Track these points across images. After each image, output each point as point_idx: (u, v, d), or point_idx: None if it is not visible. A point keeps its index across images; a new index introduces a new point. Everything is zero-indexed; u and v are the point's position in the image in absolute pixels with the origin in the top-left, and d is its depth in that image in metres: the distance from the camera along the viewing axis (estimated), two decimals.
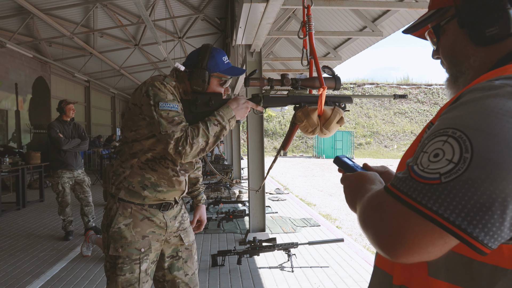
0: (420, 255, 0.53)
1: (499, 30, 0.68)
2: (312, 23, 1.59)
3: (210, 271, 3.64)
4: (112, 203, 1.64)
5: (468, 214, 0.50)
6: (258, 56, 4.98)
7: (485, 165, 0.50)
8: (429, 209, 0.52)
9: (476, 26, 0.70)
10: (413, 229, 0.53)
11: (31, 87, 10.39)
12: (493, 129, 0.51)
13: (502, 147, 0.50)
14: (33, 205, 7.07)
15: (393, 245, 0.54)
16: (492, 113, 0.53)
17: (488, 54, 0.70)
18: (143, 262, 1.61)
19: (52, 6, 7.44)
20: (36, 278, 3.49)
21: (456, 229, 0.51)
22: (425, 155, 0.56)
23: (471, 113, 0.54)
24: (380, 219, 0.56)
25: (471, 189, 0.50)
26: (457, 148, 0.53)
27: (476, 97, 0.56)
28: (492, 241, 0.50)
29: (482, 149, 0.51)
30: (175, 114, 1.50)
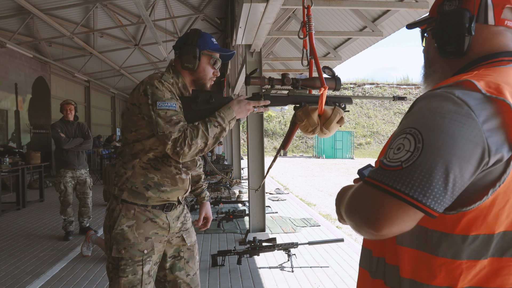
0: (398, 226, 0.68)
1: (455, 49, 0.84)
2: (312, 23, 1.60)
3: (210, 271, 3.64)
4: (115, 205, 1.63)
5: (421, 187, 0.66)
6: (258, 56, 4.98)
7: (431, 150, 0.67)
8: (395, 188, 0.68)
9: (440, 41, 0.86)
10: (387, 206, 0.69)
11: (31, 87, 10.39)
12: (436, 124, 0.69)
13: (442, 136, 0.67)
14: (33, 205, 7.07)
15: (375, 221, 0.69)
16: (435, 113, 0.70)
17: (449, 65, 0.87)
18: (146, 263, 1.61)
19: (52, 6, 7.44)
20: (36, 278, 3.49)
21: (414, 201, 0.67)
22: (391, 150, 0.73)
23: (422, 115, 0.72)
24: (363, 204, 0.71)
25: (423, 169, 0.67)
26: (413, 141, 0.70)
27: (424, 103, 0.74)
28: (437, 205, 0.67)
29: (429, 139, 0.68)
30: (173, 113, 1.49)
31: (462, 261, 0.70)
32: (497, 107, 0.68)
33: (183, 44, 1.65)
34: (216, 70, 1.72)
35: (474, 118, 0.67)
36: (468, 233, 0.69)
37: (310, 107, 1.43)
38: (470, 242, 0.69)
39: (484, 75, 0.74)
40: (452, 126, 0.67)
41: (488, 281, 0.69)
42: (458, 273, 0.70)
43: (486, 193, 0.67)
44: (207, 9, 8.69)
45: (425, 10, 4.88)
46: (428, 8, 4.87)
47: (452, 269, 0.70)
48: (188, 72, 1.67)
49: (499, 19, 0.83)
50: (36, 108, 10.68)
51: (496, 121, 0.68)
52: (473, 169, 0.67)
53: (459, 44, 0.83)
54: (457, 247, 0.70)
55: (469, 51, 0.84)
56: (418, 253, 0.74)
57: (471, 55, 0.84)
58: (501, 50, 0.82)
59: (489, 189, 0.67)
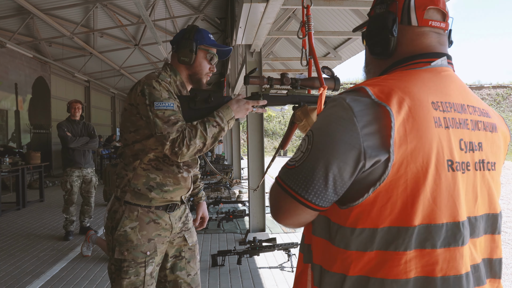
0: (294, 219, 0.81)
1: (382, 50, 0.88)
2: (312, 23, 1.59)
3: (210, 271, 3.64)
4: (118, 206, 1.62)
5: (304, 184, 0.76)
6: (258, 56, 4.98)
7: (316, 151, 0.75)
8: (288, 186, 0.78)
9: (369, 43, 0.92)
10: (283, 201, 0.80)
11: (31, 87, 10.39)
12: (324, 128, 0.77)
13: (326, 139, 0.75)
14: (33, 205, 7.07)
15: (276, 214, 0.82)
16: (326, 117, 0.78)
17: (379, 65, 0.92)
18: (149, 265, 1.60)
19: (52, 6, 7.44)
20: (36, 278, 3.49)
21: (298, 196, 0.77)
22: (296, 150, 0.82)
23: (319, 119, 0.80)
24: (271, 198, 0.84)
25: (308, 168, 0.76)
26: (306, 142, 0.79)
27: (325, 108, 0.82)
28: (319, 201, 0.76)
29: (316, 141, 0.76)
30: (171, 113, 1.49)
31: (352, 251, 0.75)
32: (379, 113, 0.73)
33: (180, 38, 1.65)
34: (212, 66, 1.72)
35: (355, 123, 0.73)
36: (355, 226, 0.75)
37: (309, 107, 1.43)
38: (358, 234, 0.75)
39: (385, 80, 0.79)
40: (335, 130, 0.74)
41: (375, 272, 0.74)
42: (349, 262, 0.76)
43: (368, 191, 0.73)
44: (207, 9, 8.69)
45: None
46: None
47: (344, 258, 0.76)
48: (184, 66, 1.67)
49: (422, 20, 0.85)
50: (36, 108, 10.68)
51: (375, 126, 0.72)
52: (351, 170, 0.73)
53: (384, 45, 0.87)
54: (347, 238, 0.76)
55: (395, 52, 0.88)
56: (324, 242, 0.81)
57: (396, 55, 0.88)
58: (423, 52, 0.86)
59: (370, 187, 0.73)
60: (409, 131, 0.72)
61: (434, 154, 0.73)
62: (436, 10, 0.86)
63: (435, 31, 0.87)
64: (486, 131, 0.83)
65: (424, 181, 0.72)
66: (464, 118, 0.79)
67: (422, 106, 0.75)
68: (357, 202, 0.75)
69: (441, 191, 0.73)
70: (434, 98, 0.77)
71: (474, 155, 0.79)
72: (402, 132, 0.72)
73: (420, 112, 0.74)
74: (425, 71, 0.82)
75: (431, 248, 0.73)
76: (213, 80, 17.03)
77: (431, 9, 0.86)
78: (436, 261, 0.74)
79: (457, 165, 0.75)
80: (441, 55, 0.86)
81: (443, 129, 0.75)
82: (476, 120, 0.82)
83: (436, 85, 0.80)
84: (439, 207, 0.73)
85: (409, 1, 0.86)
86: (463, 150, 0.77)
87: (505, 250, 4.91)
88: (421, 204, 0.73)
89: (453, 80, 0.84)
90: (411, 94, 0.75)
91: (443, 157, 0.74)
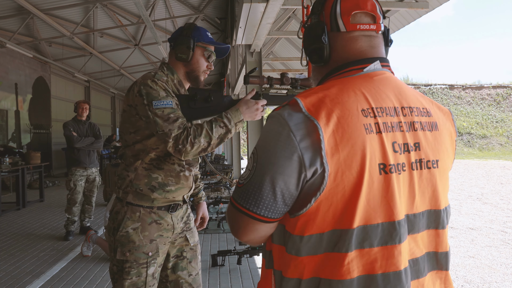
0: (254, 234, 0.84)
1: (318, 58, 0.91)
2: None
3: (210, 271, 3.64)
4: (120, 207, 1.62)
5: (254, 200, 0.79)
6: (258, 56, 4.98)
7: (261, 168, 0.79)
8: (240, 204, 0.82)
9: (307, 51, 0.94)
10: (239, 219, 0.83)
11: (31, 87, 10.39)
12: (265, 145, 0.80)
13: (268, 155, 0.78)
14: (33, 205, 7.07)
15: (236, 232, 0.86)
16: (267, 133, 0.80)
17: (319, 71, 0.95)
18: (151, 266, 1.60)
19: (52, 6, 7.44)
20: (36, 278, 3.49)
21: (250, 212, 0.80)
22: (245, 169, 0.85)
23: (261, 135, 0.83)
24: (228, 218, 0.87)
25: (255, 185, 0.79)
26: (252, 160, 0.82)
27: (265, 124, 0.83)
28: (271, 213, 0.80)
29: (260, 158, 0.80)
30: (170, 111, 1.48)
31: (303, 257, 0.78)
32: (310, 127, 0.76)
33: (178, 35, 1.65)
34: (210, 64, 1.70)
35: (292, 138, 0.76)
36: (303, 233, 0.78)
37: None
38: (306, 241, 0.78)
39: (318, 91, 0.82)
40: (276, 146, 0.77)
41: (324, 273, 0.78)
42: (302, 267, 0.79)
43: (310, 201, 0.77)
44: (207, 9, 8.70)
45: (425, 10, 4.88)
46: (428, 8, 4.87)
47: (297, 264, 0.79)
48: (182, 64, 1.67)
49: (349, 25, 0.88)
50: (36, 108, 10.68)
51: (309, 139, 0.75)
52: (295, 181, 0.77)
53: (319, 53, 0.90)
54: (297, 245, 0.79)
55: (330, 58, 0.91)
56: (281, 248, 0.84)
57: (333, 62, 0.91)
58: (355, 58, 0.88)
59: (312, 197, 0.76)
60: (339, 141, 0.75)
61: (368, 160, 0.76)
62: (364, 14, 0.89)
63: (365, 34, 0.89)
64: (424, 130, 0.85)
65: (359, 185, 0.76)
66: (397, 121, 0.82)
67: (351, 115, 0.77)
68: (302, 211, 0.78)
69: (374, 193, 0.77)
70: (364, 105, 0.80)
71: (410, 156, 0.82)
72: (333, 143, 0.75)
73: (350, 121, 0.77)
74: (357, 78, 0.85)
75: (369, 247, 0.77)
76: (213, 80, 17.03)
77: (358, 13, 0.88)
78: (375, 259, 0.77)
79: (390, 168, 0.78)
80: (373, 60, 0.88)
81: (375, 135, 0.78)
82: (411, 121, 0.84)
83: (368, 91, 0.82)
84: (373, 209, 0.77)
85: (335, 9, 0.89)
86: (397, 152, 0.80)
87: (505, 250, 4.91)
88: (359, 207, 0.76)
89: (387, 83, 0.86)
90: (340, 104, 0.78)
91: (375, 161, 0.77)
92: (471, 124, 29.25)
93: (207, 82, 17.30)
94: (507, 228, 6.13)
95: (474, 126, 29.16)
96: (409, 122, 0.83)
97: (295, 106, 0.79)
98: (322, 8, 0.91)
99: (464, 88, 32.11)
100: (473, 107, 30.83)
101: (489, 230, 6.01)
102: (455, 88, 32.11)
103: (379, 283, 0.77)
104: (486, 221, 6.61)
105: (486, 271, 4.13)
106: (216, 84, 17.42)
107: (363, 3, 0.88)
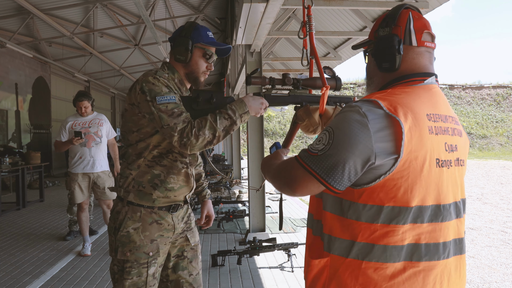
0: (306, 191, 1.01)
1: (390, 66, 1.08)
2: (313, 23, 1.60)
3: (210, 271, 3.64)
4: (121, 207, 1.62)
5: (327, 171, 0.96)
6: (258, 56, 4.98)
7: (337, 146, 0.95)
8: (310, 167, 0.98)
9: (378, 59, 1.10)
10: (302, 177, 1.00)
11: (31, 87, 10.39)
12: (344, 128, 0.96)
13: (346, 137, 0.95)
14: (33, 205, 7.06)
15: (293, 186, 1.01)
16: (345, 119, 0.97)
17: (384, 78, 1.11)
18: (151, 266, 1.60)
19: (52, 6, 7.44)
20: (36, 278, 3.49)
21: (320, 178, 0.97)
22: (316, 141, 1.02)
23: (338, 120, 1.00)
24: (288, 172, 1.03)
25: (330, 159, 0.96)
26: (327, 137, 0.98)
27: (342, 111, 1.01)
28: (337, 185, 0.96)
29: (337, 138, 0.96)
30: (174, 106, 1.48)
31: (361, 222, 0.97)
32: (391, 122, 0.94)
33: (177, 36, 1.64)
34: (209, 64, 1.69)
35: (369, 128, 0.93)
36: (367, 202, 0.97)
37: (311, 107, 1.42)
38: (368, 209, 0.97)
39: (392, 95, 1.00)
40: (353, 131, 0.94)
41: (379, 240, 0.96)
42: (358, 231, 0.98)
43: (379, 177, 0.95)
44: (207, 9, 8.69)
45: (425, 10, 4.88)
46: (428, 8, 4.87)
47: (355, 228, 0.98)
48: (181, 65, 1.66)
49: (420, 41, 1.08)
50: (36, 108, 10.68)
51: (386, 132, 0.93)
52: (362, 164, 0.94)
53: (392, 61, 1.07)
54: (359, 212, 0.98)
55: (399, 68, 1.07)
56: (335, 216, 1.03)
57: (400, 71, 1.08)
58: (419, 71, 1.07)
59: (381, 175, 0.95)
60: (413, 137, 0.94)
61: (428, 154, 0.96)
62: (428, 33, 1.09)
63: (428, 50, 1.09)
64: (459, 136, 1.07)
65: (420, 173, 0.95)
66: (447, 126, 1.03)
67: (420, 118, 0.97)
68: (370, 185, 0.96)
69: (430, 181, 0.97)
70: (428, 110, 0.99)
71: (453, 155, 1.03)
72: (409, 137, 0.93)
73: (420, 122, 0.96)
74: (420, 88, 1.04)
75: (420, 223, 0.97)
76: (213, 80, 17.03)
77: (426, 32, 1.08)
78: (422, 232, 0.98)
79: (442, 163, 0.99)
80: (431, 75, 1.08)
81: (434, 135, 0.98)
82: (453, 128, 1.05)
83: (428, 100, 1.02)
84: (428, 193, 0.97)
85: (409, 26, 1.07)
86: (447, 151, 1.01)
87: (505, 250, 4.91)
88: (417, 191, 0.95)
89: (439, 95, 1.07)
90: (412, 108, 0.97)
91: (433, 156, 0.97)
92: (471, 124, 29.24)
93: (207, 82, 17.29)
94: (507, 228, 6.13)
95: (474, 126, 29.16)
96: (452, 128, 1.05)
97: (375, 103, 0.97)
98: (397, 22, 1.08)
99: (464, 88, 32.11)
100: (473, 107, 30.83)
101: (489, 230, 6.01)
102: (455, 88, 32.10)
103: (422, 250, 0.97)
104: (486, 221, 6.61)
105: (486, 271, 4.13)
106: (216, 84, 17.42)
107: (428, 24, 1.10)
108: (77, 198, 4.07)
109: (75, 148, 4.07)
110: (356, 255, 0.98)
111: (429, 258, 0.98)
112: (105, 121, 4.29)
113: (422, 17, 1.10)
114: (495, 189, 10.45)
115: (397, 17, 1.09)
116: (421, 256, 0.97)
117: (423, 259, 0.97)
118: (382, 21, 1.12)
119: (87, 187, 4.13)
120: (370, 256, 0.96)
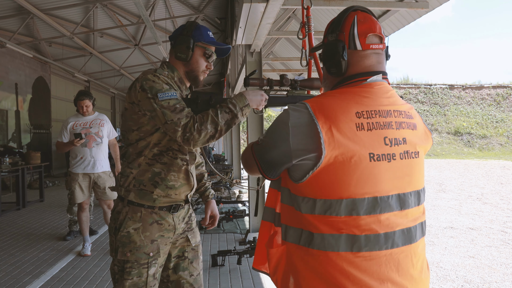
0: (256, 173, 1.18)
1: (336, 71, 1.12)
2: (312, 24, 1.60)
3: (210, 271, 3.64)
4: (121, 207, 1.62)
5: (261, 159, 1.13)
6: (258, 56, 4.98)
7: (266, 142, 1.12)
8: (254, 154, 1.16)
9: (326, 64, 1.15)
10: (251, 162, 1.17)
11: (31, 87, 10.40)
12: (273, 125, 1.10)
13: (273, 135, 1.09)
14: (33, 205, 7.07)
15: (247, 169, 1.22)
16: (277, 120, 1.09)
17: (332, 80, 1.16)
18: (152, 266, 1.60)
19: (52, 6, 7.44)
20: (36, 278, 3.50)
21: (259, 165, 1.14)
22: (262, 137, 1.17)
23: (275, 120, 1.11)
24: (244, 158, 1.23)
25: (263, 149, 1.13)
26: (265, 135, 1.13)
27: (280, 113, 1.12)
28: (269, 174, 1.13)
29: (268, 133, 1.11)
30: (176, 102, 1.49)
31: (303, 214, 1.05)
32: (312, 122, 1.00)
33: (179, 34, 1.64)
34: (209, 64, 1.70)
35: (289, 127, 1.03)
36: (304, 195, 1.04)
37: None
38: (306, 202, 1.04)
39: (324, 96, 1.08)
40: (279, 130, 1.06)
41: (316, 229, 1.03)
42: (302, 221, 1.06)
43: (308, 173, 1.02)
44: (207, 9, 8.70)
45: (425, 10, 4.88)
46: (428, 8, 4.87)
47: (300, 218, 1.06)
48: (181, 63, 1.67)
49: (364, 44, 1.09)
50: (36, 108, 10.68)
51: (304, 130, 1.00)
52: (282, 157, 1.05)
53: (338, 67, 1.10)
54: (300, 204, 1.05)
55: (347, 71, 1.11)
56: (288, 207, 1.12)
57: (346, 74, 1.12)
58: (364, 71, 1.10)
59: (309, 171, 1.01)
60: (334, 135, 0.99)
61: (357, 150, 0.99)
62: (374, 35, 1.10)
63: (376, 52, 1.11)
64: (410, 129, 1.08)
65: (348, 168, 0.99)
66: (388, 121, 1.04)
67: (345, 117, 1.00)
68: (303, 180, 1.03)
69: (362, 175, 0.99)
70: (360, 108, 1.02)
71: (398, 148, 1.04)
72: (329, 136, 0.98)
73: (344, 121, 1.00)
74: (359, 87, 1.08)
75: (356, 215, 1.00)
76: (213, 80, 17.02)
77: (371, 35, 1.10)
78: (360, 224, 1.01)
79: (378, 157, 1.00)
80: (378, 73, 1.10)
81: (366, 131, 1.00)
82: (400, 121, 1.07)
83: (364, 98, 1.05)
84: (360, 186, 0.99)
85: (353, 31, 1.09)
86: (388, 145, 1.02)
87: (505, 250, 4.92)
88: (346, 184, 0.99)
89: (384, 91, 1.09)
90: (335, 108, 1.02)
91: (365, 151, 0.99)
92: (471, 124, 29.24)
93: (207, 82, 17.30)
94: (507, 228, 6.13)
95: (474, 126, 29.15)
96: (398, 122, 1.06)
97: (303, 105, 1.04)
98: (341, 28, 1.10)
99: (464, 88, 32.09)
100: (473, 107, 30.82)
101: (489, 230, 6.01)
102: (455, 88, 32.09)
103: (362, 241, 1.01)
104: (486, 221, 6.61)
105: (486, 271, 4.13)
106: (216, 84, 17.42)
107: (374, 26, 1.10)
108: (77, 198, 4.07)
109: (76, 149, 4.07)
110: (304, 243, 1.05)
111: (370, 249, 1.00)
112: (106, 122, 4.29)
113: (369, 19, 1.10)
114: (495, 189, 10.45)
115: (342, 22, 1.11)
116: (361, 247, 1.00)
117: (363, 249, 1.00)
118: (330, 26, 1.15)
119: (87, 187, 4.13)
120: (312, 244, 1.03)
